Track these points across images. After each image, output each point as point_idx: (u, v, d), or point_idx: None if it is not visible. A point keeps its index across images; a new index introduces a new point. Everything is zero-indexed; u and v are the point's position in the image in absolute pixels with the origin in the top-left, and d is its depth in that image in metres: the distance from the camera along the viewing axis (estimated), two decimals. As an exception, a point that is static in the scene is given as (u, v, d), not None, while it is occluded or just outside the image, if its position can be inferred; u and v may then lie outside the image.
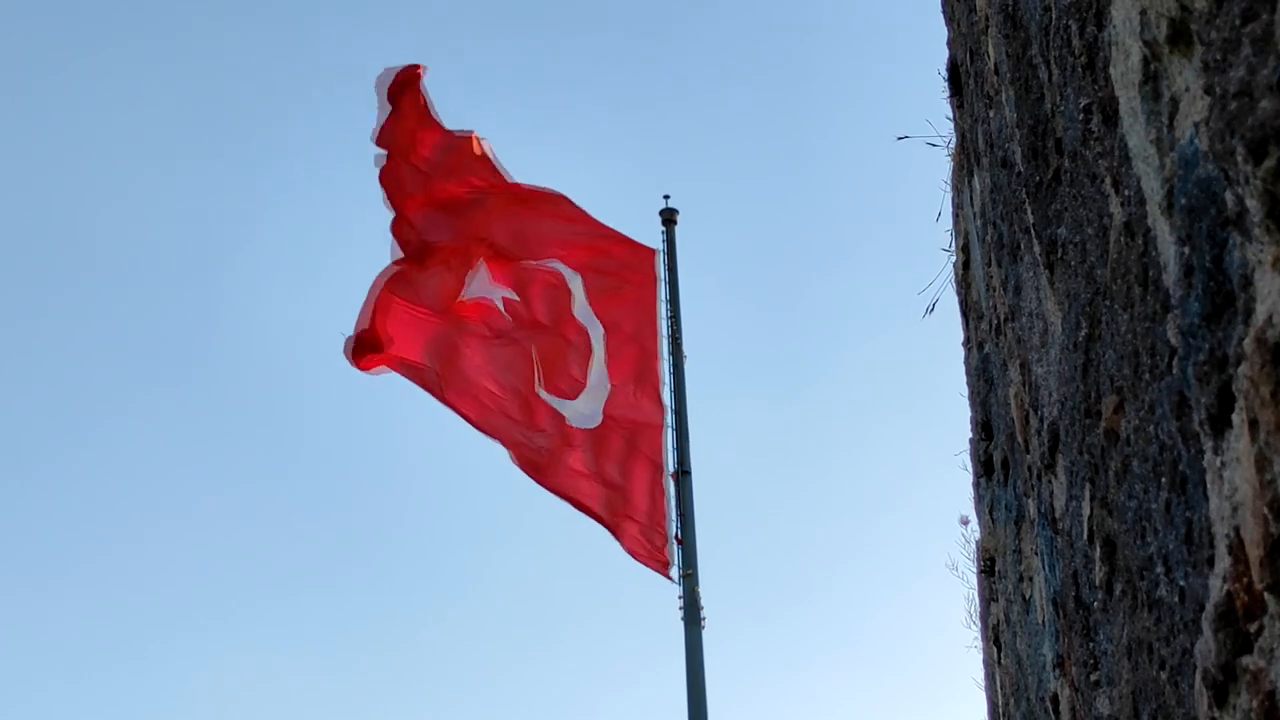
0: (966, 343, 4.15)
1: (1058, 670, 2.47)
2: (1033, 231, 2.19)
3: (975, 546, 4.27)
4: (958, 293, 4.29)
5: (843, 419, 20.38)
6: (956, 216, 4.21)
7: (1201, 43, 1.15)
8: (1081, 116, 1.65)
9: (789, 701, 19.50)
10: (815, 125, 19.95)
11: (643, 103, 19.71)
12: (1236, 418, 1.11)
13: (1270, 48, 1.02)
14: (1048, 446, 2.24)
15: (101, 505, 20.73)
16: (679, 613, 7.04)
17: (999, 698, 3.86)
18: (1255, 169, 1.03)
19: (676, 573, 7.16)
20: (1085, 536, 1.91)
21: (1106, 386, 1.65)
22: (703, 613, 7.01)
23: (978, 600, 4.39)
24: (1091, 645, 1.98)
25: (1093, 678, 1.98)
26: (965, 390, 4.28)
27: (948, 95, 3.94)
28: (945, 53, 3.80)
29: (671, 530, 7.26)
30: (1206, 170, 1.15)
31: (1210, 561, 1.20)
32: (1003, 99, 2.48)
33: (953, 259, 4.40)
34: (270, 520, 20.88)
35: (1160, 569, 1.42)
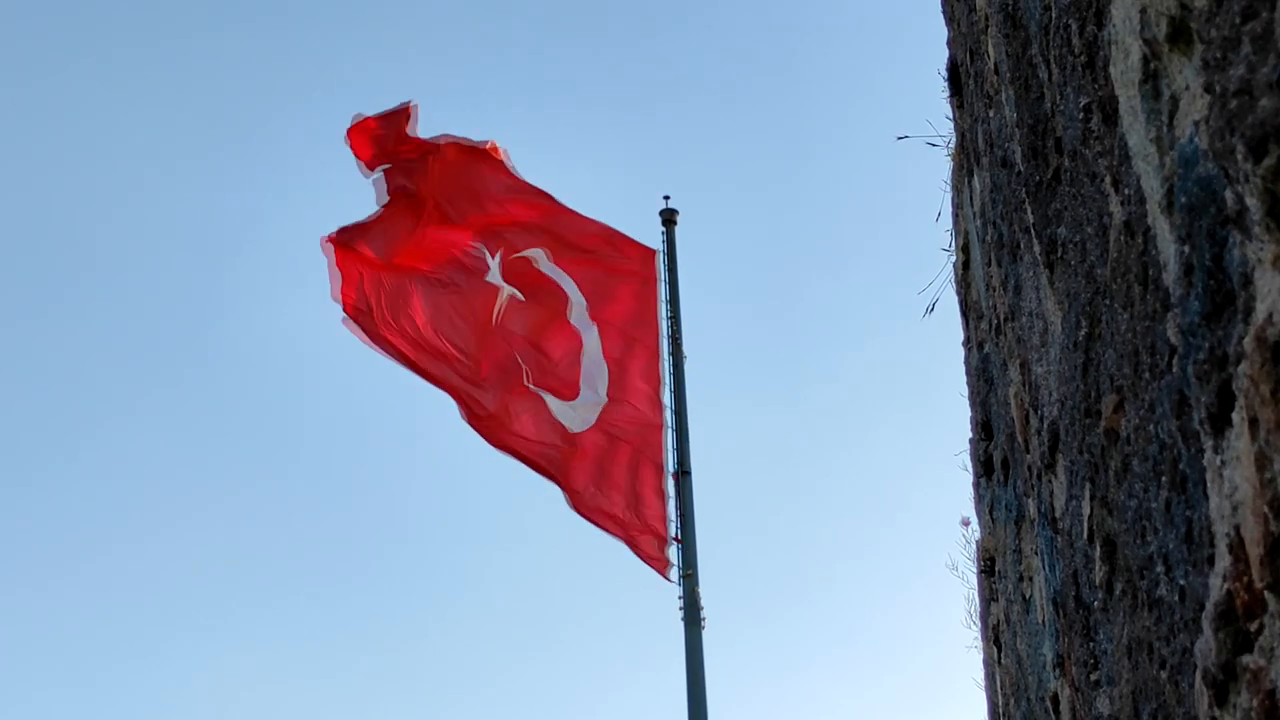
0: (966, 342, 4.15)
1: (1058, 670, 2.47)
2: (1033, 231, 2.19)
3: (975, 546, 4.26)
4: (958, 293, 4.29)
5: (843, 419, 20.39)
6: (956, 216, 4.20)
7: (1201, 41, 1.14)
8: (1081, 115, 1.64)
9: (789, 701, 19.50)
10: (815, 125, 19.97)
11: (643, 103, 19.73)
12: (1236, 416, 1.11)
13: (1270, 46, 1.02)
14: (1048, 446, 2.24)
15: (102, 506, 20.74)
16: (679, 613, 7.04)
17: (999, 698, 3.86)
18: (1255, 167, 1.03)
19: (676, 573, 7.16)
20: (1085, 536, 1.91)
21: (1106, 386, 1.65)
22: (703, 613, 7.02)
23: (978, 600, 4.39)
24: (1091, 645, 1.98)
25: (1093, 677, 1.98)
26: (965, 390, 4.27)
27: (948, 95, 3.94)
28: (945, 52, 3.80)
29: (671, 531, 7.26)
30: (1206, 169, 1.14)
31: (1210, 560, 1.20)
32: (1003, 98, 2.48)
33: (953, 259, 4.40)
34: (270, 521, 20.90)
35: (1160, 568, 1.42)
